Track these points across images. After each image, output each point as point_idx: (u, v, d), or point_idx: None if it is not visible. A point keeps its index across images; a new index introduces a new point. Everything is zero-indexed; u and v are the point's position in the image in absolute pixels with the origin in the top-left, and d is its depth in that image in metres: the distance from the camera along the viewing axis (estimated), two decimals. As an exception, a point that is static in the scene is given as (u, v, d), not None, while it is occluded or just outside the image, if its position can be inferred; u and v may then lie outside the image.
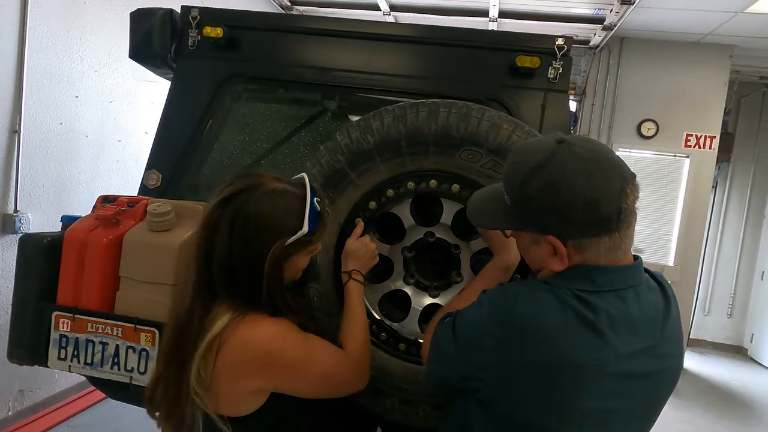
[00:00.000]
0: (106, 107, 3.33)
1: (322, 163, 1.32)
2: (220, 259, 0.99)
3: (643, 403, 0.90)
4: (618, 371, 0.83)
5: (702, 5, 4.43)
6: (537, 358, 0.81)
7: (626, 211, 0.82)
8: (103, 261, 1.46)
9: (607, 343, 0.82)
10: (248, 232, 0.99)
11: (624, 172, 0.83)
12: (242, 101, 2.00)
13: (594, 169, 0.81)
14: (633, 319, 0.85)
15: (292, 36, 1.85)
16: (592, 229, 0.83)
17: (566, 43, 1.68)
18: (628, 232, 0.85)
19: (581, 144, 0.85)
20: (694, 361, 5.91)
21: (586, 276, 0.85)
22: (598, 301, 0.83)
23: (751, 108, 6.36)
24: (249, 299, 1.00)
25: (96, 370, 1.47)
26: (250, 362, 0.98)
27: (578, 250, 0.85)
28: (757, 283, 6.39)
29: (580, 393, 0.82)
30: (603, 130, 5.64)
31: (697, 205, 5.52)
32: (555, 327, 0.81)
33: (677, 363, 0.95)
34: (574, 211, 0.82)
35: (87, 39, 3.10)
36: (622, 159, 0.87)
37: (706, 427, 4.20)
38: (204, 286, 1.01)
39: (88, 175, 3.24)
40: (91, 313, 1.46)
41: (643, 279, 0.90)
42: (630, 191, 0.83)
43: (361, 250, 1.27)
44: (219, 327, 0.97)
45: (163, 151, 1.83)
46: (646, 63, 5.49)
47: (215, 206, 1.01)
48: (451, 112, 1.27)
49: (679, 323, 0.95)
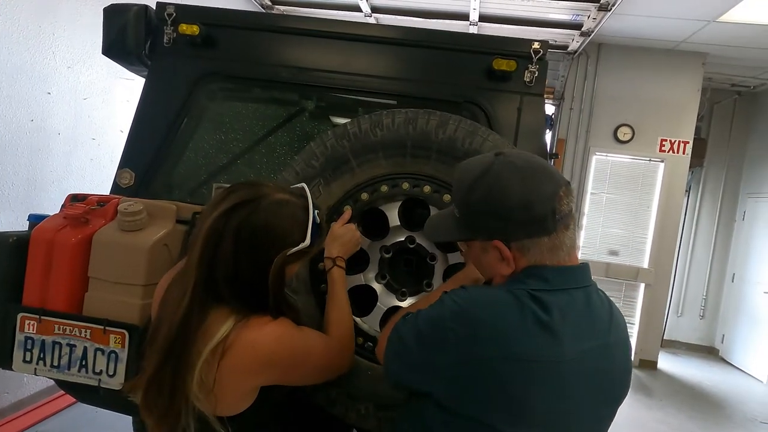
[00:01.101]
0: (79, 104, 3.26)
1: (327, 145, 1.35)
2: (225, 269, 0.99)
3: (595, 405, 0.92)
4: (571, 369, 0.86)
5: (676, 13, 4.53)
6: (493, 354, 0.84)
7: (561, 213, 0.89)
8: (71, 261, 1.42)
9: (561, 341, 0.86)
10: (255, 242, 1.00)
11: (556, 179, 0.90)
12: (218, 100, 1.98)
13: (527, 174, 0.90)
14: (585, 318, 0.90)
15: (269, 35, 1.83)
16: (530, 229, 0.89)
17: (542, 47, 1.70)
18: (568, 234, 0.91)
19: (517, 155, 0.94)
20: (667, 361, 6.03)
21: (539, 275, 0.90)
22: (552, 300, 0.87)
23: (723, 114, 6.53)
24: (254, 305, 1.01)
25: (63, 373, 1.43)
26: (257, 364, 1.00)
27: (522, 253, 0.91)
28: (728, 285, 6.56)
29: (534, 390, 0.84)
30: (581, 134, 5.73)
31: (671, 209, 5.65)
32: (512, 325, 0.85)
33: (626, 368, 0.99)
34: (510, 212, 0.89)
35: (60, 34, 3.03)
36: (556, 170, 0.95)
37: (679, 425, 4.28)
38: (204, 293, 1.00)
39: (60, 173, 3.17)
40: (58, 314, 1.42)
41: (591, 281, 0.95)
42: (563, 195, 0.89)
43: (346, 236, 1.29)
44: (224, 332, 0.98)
45: (137, 150, 1.80)
46: (622, 69, 5.60)
47: (219, 216, 1.00)
48: (459, 126, 1.34)
49: (625, 331, 1.00)
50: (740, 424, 4.49)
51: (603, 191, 5.79)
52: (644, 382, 5.34)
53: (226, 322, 0.99)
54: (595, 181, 5.79)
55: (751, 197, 6.34)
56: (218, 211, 1.00)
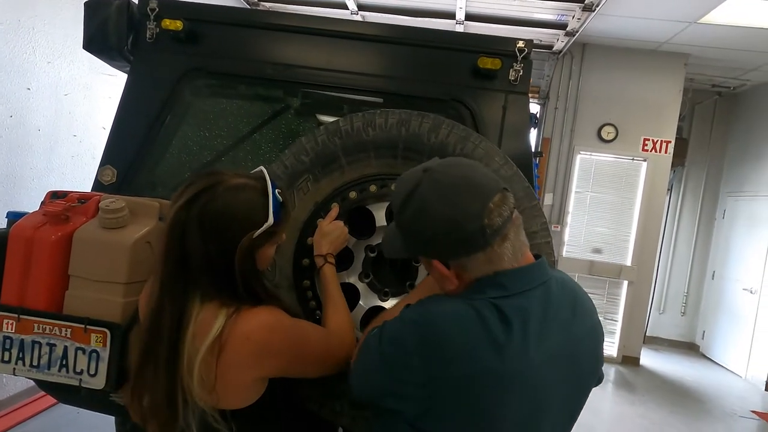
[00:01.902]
0: (60, 100, 3.20)
1: (318, 141, 1.34)
2: (197, 260, 1.00)
3: (565, 398, 0.92)
4: (539, 374, 0.85)
5: (658, 14, 4.60)
6: (458, 373, 0.82)
7: (492, 228, 0.85)
8: (51, 259, 1.39)
9: (526, 348, 0.84)
10: (218, 229, 1.01)
11: (484, 193, 0.86)
12: (202, 96, 1.96)
13: (452, 192, 0.86)
14: (547, 316, 0.88)
15: (255, 31, 1.82)
16: (462, 248, 0.87)
17: (527, 46, 1.71)
18: (506, 245, 0.87)
19: (444, 170, 0.90)
20: (649, 357, 6.12)
21: (495, 283, 0.88)
22: (512, 306, 0.86)
23: (704, 115, 6.65)
24: (237, 294, 1.02)
25: (43, 373, 1.40)
26: (254, 355, 1.00)
27: (463, 269, 0.90)
28: (708, 282, 6.68)
29: (504, 401, 0.83)
30: (565, 133, 5.78)
31: (654, 208, 5.73)
32: (474, 340, 0.83)
33: (595, 355, 0.98)
34: (438, 235, 0.87)
35: (40, 29, 2.97)
36: (487, 177, 0.90)
37: (661, 420, 4.36)
38: (175, 289, 1.01)
39: (40, 170, 3.11)
40: (37, 313, 1.39)
41: (549, 275, 0.93)
42: (494, 207, 0.85)
43: (335, 233, 1.29)
44: (217, 328, 0.98)
45: (119, 147, 1.77)
46: (606, 69, 5.67)
47: (179, 210, 1.01)
48: (452, 131, 1.33)
49: (594, 315, 0.98)
50: (720, 418, 4.58)
51: (587, 190, 5.85)
52: (627, 378, 5.42)
53: (217, 317, 0.99)
54: (579, 179, 5.85)
55: (730, 196, 6.46)
56: (178, 205, 1.02)
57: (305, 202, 1.34)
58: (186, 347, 0.98)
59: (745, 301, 5.90)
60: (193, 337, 0.98)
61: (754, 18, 4.36)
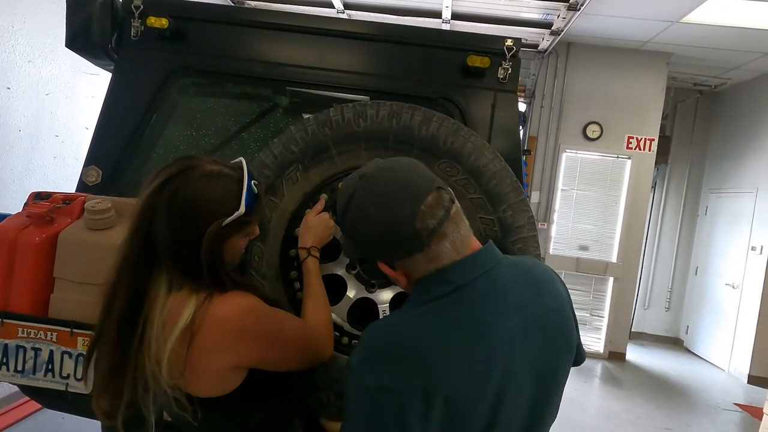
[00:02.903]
0: (41, 100, 3.14)
1: (308, 131, 1.33)
2: (163, 244, 0.99)
3: (536, 378, 0.90)
4: (503, 355, 0.84)
5: (641, 14, 4.66)
6: (421, 383, 0.80)
7: (428, 229, 0.86)
8: (35, 261, 1.37)
9: (483, 336, 0.84)
10: (187, 213, 1.00)
11: (416, 195, 0.86)
12: (189, 95, 1.93)
13: (384, 199, 0.87)
14: (499, 302, 0.88)
15: (241, 29, 1.80)
16: (400, 251, 0.89)
17: (515, 44, 1.72)
18: (444, 243, 0.88)
19: (378, 175, 0.90)
20: (635, 353, 6.20)
21: (439, 280, 0.88)
22: (459, 300, 0.86)
23: (686, 113, 6.75)
24: (197, 280, 1.01)
25: (28, 378, 1.38)
26: (226, 338, 0.99)
27: (406, 269, 0.92)
28: (691, 278, 6.79)
29: (471, 400, 0.82)
30: (551, 132, 5.83)
31: (638, 205, 5.81)
32: (428, 351, 0.82)
33: (564, 335, 0.95)
34: (375, 240, 0.89)
35: (20, 27, 2.91)
36: (421, 177, 0.89)
37: (647, 414, 4.42)
38: (138, 270, 1.00)
39: (21, 171, 3.05)
40: (22, 317, 1.37)
41: (497, 260, 0.92)
42: (426, 209, 0.85)
43: (320, 225, 1.29)
44: (188, 315, 0.97)
45: (104, 146, 1.74)
46: (591, 68, 5.73)
47: (152, 192, 1.00)
48: (442, 125, 1.33)
49: (559, 297, 0.96)
50: (704, 411, 4.66)
51: (573, 188, 5.91)
52: (614, 374, 5.49)
53: (187, 305, 0.98)
54: (565, 177, 5.90)
55: (712, 193, 6.57)
56: (151, 188, 1.01)
57: (294, 192, 1.34)
58: (153, 335, 0.96)
59: (728, 296, 6.01)
60: (163, 326, 0.97)
61: (735, 17, 4.44)
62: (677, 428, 4.21)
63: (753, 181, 5.81)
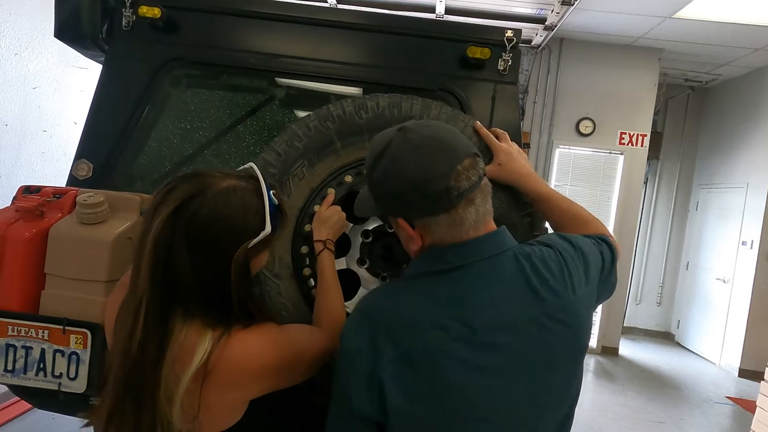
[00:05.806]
0: (28, 94, 3.07)
1: (310, 126, 1.33)
2: (185, 280, 0.87)
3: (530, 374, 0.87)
4: (480, 342, 0.84)
5: (634, 9, 4.66)
6: (392, 351, 0.83)
7: (459, 189, 0.86)
8: (25, 257, 1.33)
9: (464, 319, 0.84)
10: (209, 242, 0.88)
11: (455, 154, 0.87)
12: (183, 87, 1.89)
13: (422, 152, 0.87)
14: (491, 291, 0.87)
15: (236, 19, 1.76)
16: (426, 208, 0.88)
17: (515, 36, 1.69)
18: (470, 209, 0.88)
19: (417, 130, 0.90)
20: (628, 347, 6.24)
21: (438, 256, 0.90)
22: (452, 279, 0.88)
23: (678, 109, 6.79)
24: (224, 312, 0.90)
25: (18, 378, 1.34)
26: (246, 379, 0.92)
27: (426, 230, 0.91)
28: (682, 272, 6.84)
29: (445, 371, 0.83)
30: (544, 127, 5.83)
31: (630, 200, 5.83)
32: (409, 315, 0.86)
33: (568, 340, 0.91)
34: (405, 193, 0.88)
35: (5, 19, 2.84)
36: (460, 140, 0.90)
37: (640, 408, 4.45)
38: (161, 312, 0.88)
39: (8, 167, 2.98)
40: (11, 314, 1.32)
41: (503, 248, 0.91)
42: (461, 170, 0.86)
43: (333, 218, 1.26)
44: (203, 353, 0.86)
45: (95, 140, 1.70)
46: (583, 63, 5.73)
47: (164, 223, 0.86)
48: (441, 112, 1.34)
49: (562, 298, 0.91)
50: (696, 404, 4.70)
51: (566, 183, 5.92)
52: (607, 368, 5.52)
53: (201, 341, 0.87)
54: (558, 173, 5.91)
55: (703, 188, 6.62)
56: (161, 217, 0.86)
57: (301, 188, 1.32)
58: (164, 373, 0.85)
59: (718, 290, 6.06)
60: (174, 363, 0.86)
61: (726, 13, 4.46)
62: (671, 421, 4.25)
63: (743, 177, 5.86)
